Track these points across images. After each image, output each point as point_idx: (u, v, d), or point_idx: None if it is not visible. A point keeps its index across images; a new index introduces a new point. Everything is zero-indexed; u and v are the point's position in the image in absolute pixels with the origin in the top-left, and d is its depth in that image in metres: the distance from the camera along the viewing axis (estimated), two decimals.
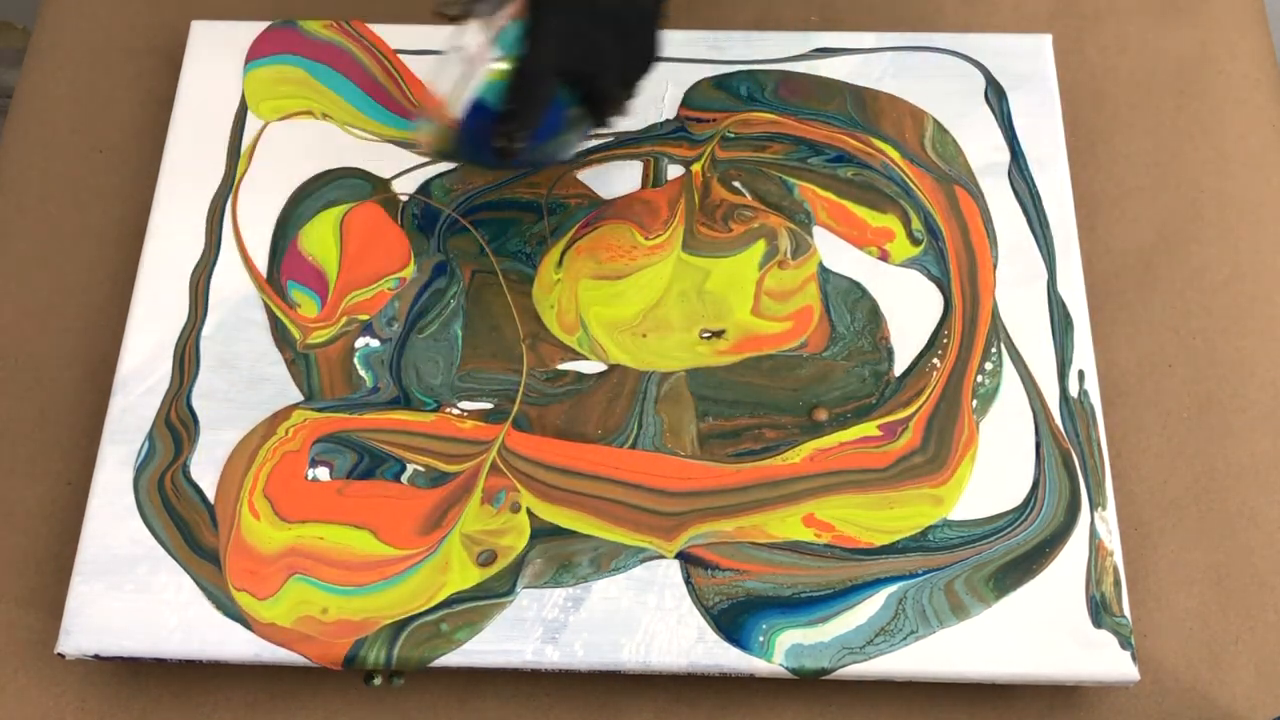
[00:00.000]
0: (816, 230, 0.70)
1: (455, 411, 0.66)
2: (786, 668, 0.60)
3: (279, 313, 0.68)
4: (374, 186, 0.72)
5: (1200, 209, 0.74)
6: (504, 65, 0.59)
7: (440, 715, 0.63)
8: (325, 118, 0.74)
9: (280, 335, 0.68)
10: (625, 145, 0.73)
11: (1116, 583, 0.61)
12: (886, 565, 0.62)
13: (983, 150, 0.72)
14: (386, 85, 0.74)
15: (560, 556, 0.62)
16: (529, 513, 0.63)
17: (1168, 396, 0.69)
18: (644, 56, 0.60)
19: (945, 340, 0.67)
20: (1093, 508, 0.63)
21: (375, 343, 0.68)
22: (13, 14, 1.41)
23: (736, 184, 0.72)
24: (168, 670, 0.63)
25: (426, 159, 0.72)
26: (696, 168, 0.72)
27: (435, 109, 0.61)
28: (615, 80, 0.60)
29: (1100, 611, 0.61)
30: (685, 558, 0.62)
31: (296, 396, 0.66)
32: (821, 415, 0.65)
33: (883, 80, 0.74)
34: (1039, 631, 0.60)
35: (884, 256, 0.70)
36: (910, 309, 0.68)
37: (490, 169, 0.71)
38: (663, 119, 0.73)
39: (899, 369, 0.67)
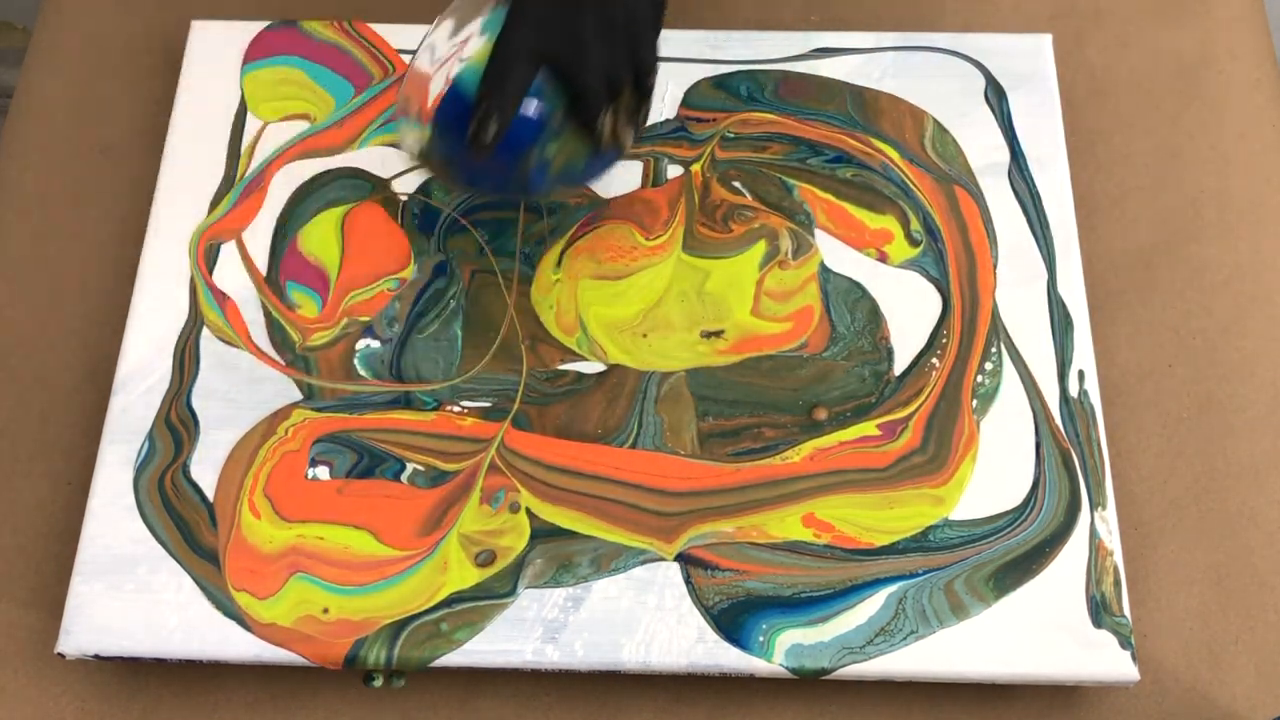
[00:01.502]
0: (816, 231, 0.70)
1: (455, 409, 0.66)
2: (786, 668, 0.60)
3: (277, 315, 0.68)
4: (374, 186, 0.72)
5: (1200, 209, 0.74)
6: (481, 51, 0.57)
7: (440, 715, 0.63)
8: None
9: (278, 338, 0.67)
10: None
11: (1116, 583, 0.61)
12: (886, 565, 0.62)
13: (983, 150, 0.72)
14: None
15: (560, 557, 0.62)
16: (528, 513, 0.63)
17: (1168, 396, 0.69)
18: (631, 57, 0.58)
19: (944, 340, 0.67)
20: (1093, 508, 0.63)
21: (375, 344, 0.68)
22: (13, 14, 1.41)
23: (736, 184, 0.72)
24: (168, 670, 0.63)
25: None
26: (696, 168, 0.72)
27: (414, 104, 0.59)
28: (598, 78, 0.57)
29: (1100, 611, 0.61)
30: (685, 559, 0.62)
31: (296, 396, 0.66)
32: (821, 415, 0.65)
33: (883, 80, 0.74)
34: (1039, 631, 0.60)
35: (882, 258, 0.70)
36: (910, 309, 0.68)
37: (467, 182, 0.64)
38: (663, 119, 0.73)
39: (898, 369, 0.67)
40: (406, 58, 0.75)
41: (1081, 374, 0.66)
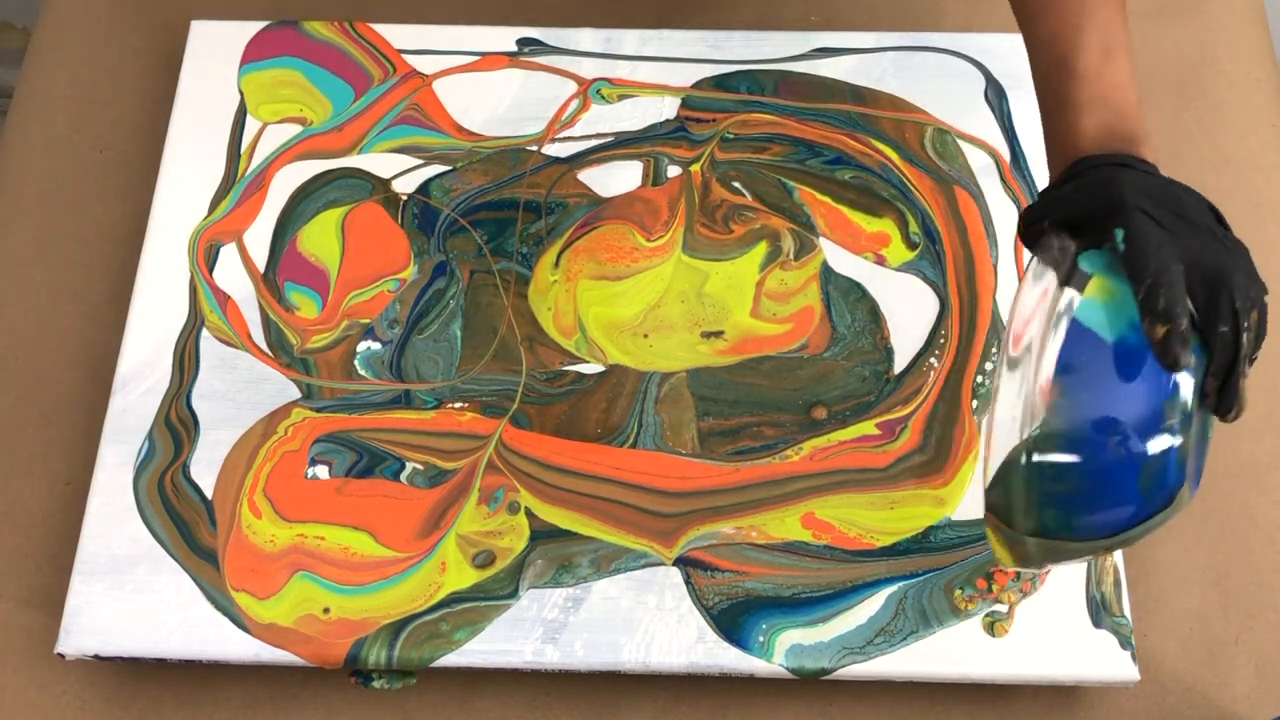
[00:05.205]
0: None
1: (456, 405, 0.66)
2: (786, 668, 0.60)
3: (275, 318, 0.68)
4: (374, 186, 0.72)
5: None
6: (1098, 283, 0.47)
7: (440, 715, 0.63)
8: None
9: (276, 341, 0.67)
10: (625, 145, 0.72)
11: (1116, 583, 0.61)
12: (887, 565, 0.62)
13: (982, 150, 0.72)
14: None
15: (560, 558, 0.62)
16: (528, 513, 0.63)
17: None
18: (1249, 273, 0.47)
19: (943, 340, 0.67)
20: None
21: (376, 345, 0.68)
22: (13, 14, 1.41)
23: (736, 184, 0.71)
24: (168, 670, 0.63)
25: (422, 161, 0.72)
26: (696, 168, 0.72)
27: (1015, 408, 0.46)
28: (1247, 280, 0.47)
29: (1100, 611, 0.61)
30: (685, 561, 0.62)
31: (296, 396, 0.66)
32: (820, 414, 0.65)
33: (883, 80, 0.74)
34: (1038, 631, 0.60)
35: (880, 262, 0.69)
36: (909, 309, 0.68)
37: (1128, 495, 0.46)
38: (663, 119, 0.73)
39: (897, 369, 0.67)
40: (408, 58, 0.75)
41: None
